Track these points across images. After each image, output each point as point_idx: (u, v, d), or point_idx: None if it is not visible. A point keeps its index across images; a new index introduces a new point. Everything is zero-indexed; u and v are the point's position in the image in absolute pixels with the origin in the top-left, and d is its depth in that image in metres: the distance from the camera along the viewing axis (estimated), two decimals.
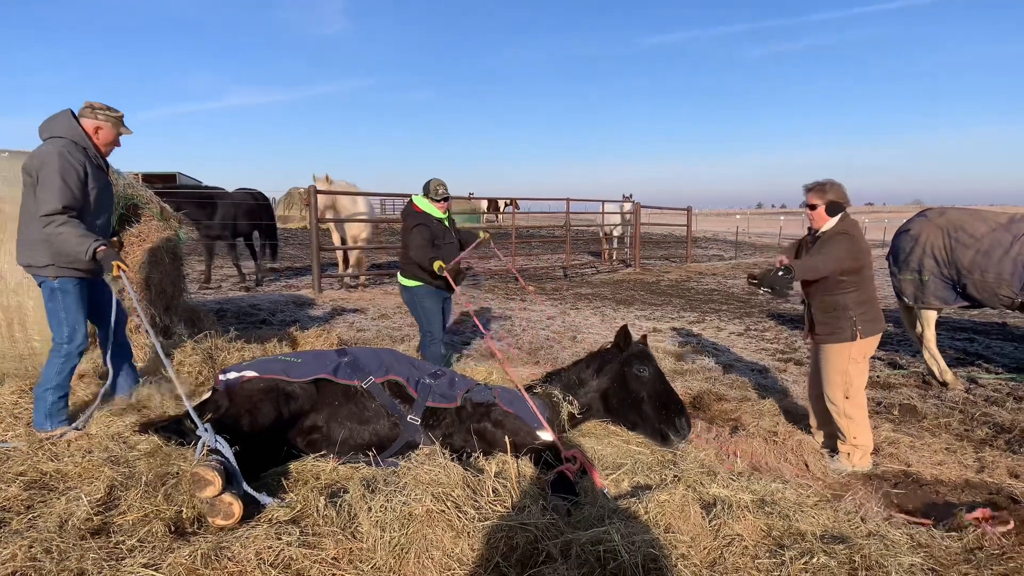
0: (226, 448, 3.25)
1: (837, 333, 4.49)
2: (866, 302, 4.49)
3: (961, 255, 6.23)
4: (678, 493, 3.28)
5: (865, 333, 4.46)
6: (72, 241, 3.94)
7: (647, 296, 13.11)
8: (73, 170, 4.01)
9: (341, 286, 12.59)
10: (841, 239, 4.39)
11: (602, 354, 4.67)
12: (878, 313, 4.58)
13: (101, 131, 4.25)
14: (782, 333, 9.38)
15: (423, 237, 5.81)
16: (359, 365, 4.18)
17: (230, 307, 9.63)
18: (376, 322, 9.19)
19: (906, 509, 3.97)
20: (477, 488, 3.22)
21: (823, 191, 4.49)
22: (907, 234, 6.73)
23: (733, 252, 25.34)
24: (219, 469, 3.08)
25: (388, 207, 42.77)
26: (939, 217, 6.55)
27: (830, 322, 4.51)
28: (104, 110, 4.25)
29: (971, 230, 6.24)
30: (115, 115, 4.30)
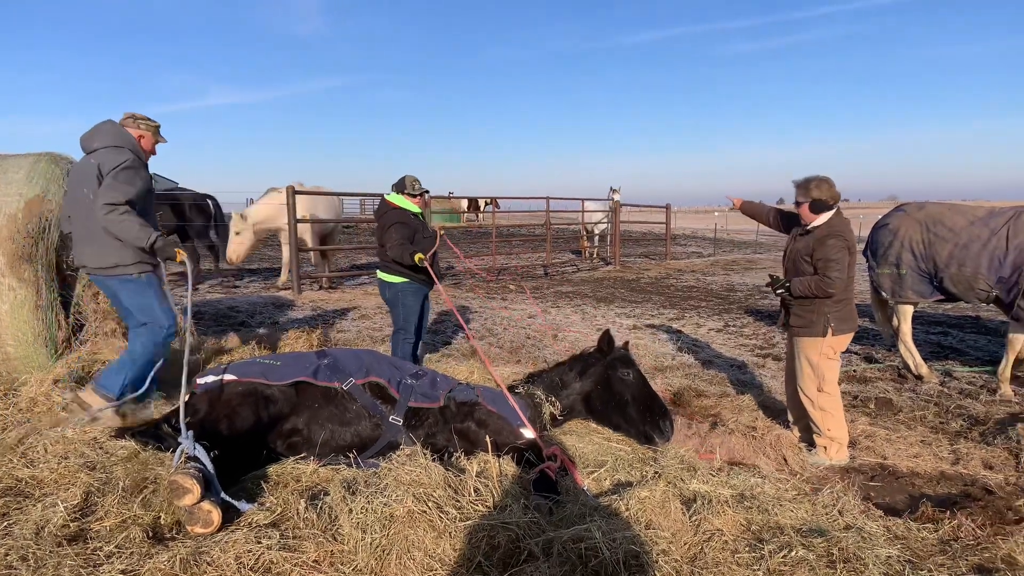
0: (204, 455, 3.22)
1: (809, 327, 4.55)
2: (842, 300, 4.54)
3: (939, 249, 6.28)
4: (659, 489, 3.31)
5: (837, 331, 4.52)
6: (135, 229, 4.27)
7: (627, 294, 13.17)
8: (139, 177, 4.43)
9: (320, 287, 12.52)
10: (835, 243, 4.39)
11: (584, 357, 4.70)
12: (852, 312, 4.63)
13: (143, 140, 4.63)
14: (760, 329, 9.46)
15: (401, 234, 5.78)
16: (339, 367, 4.15)
17: (207, 309, 9.54)
18: (356, 323, 9.15)
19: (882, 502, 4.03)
20: (459, 488, 3.22)
21: (807, 189, 4.51)
22: (885, 228, 6.79)
23: (712, 249, 25.52)
24: (197, 477, 3.06)
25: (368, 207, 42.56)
26: (918, 211, 6.61)
27: (805, 315, 4.57)
28: (145, 120, 4.64)
29: (949, 224, 6.30)
30: (154, 125, 4.69)
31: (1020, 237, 5.84)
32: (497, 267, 16.26)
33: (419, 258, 5.63)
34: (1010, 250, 5.85)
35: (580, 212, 19.40)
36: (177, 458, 3.30)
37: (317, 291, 12.03)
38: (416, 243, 5.84)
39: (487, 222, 32.24)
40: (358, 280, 13.77)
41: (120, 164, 4.34)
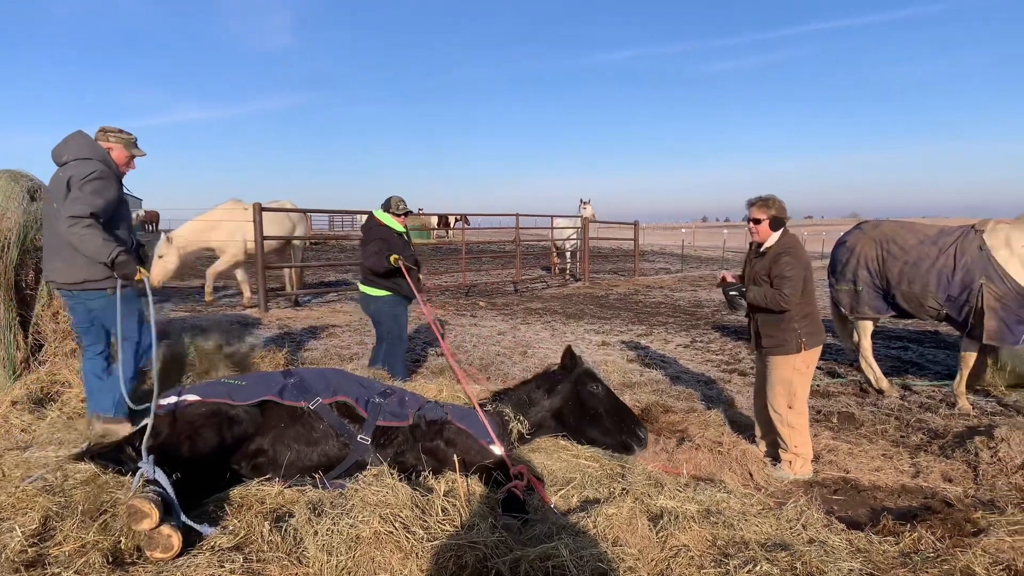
0: (164, 478, 3.16)
1: (783, 345, 4.62)
2: (809, 315, 4.64)
3: (891, 266, 6.44)
4: (626, 506, 3.32)
5: (809, 345, 4.61)
6: (96, 243, 4.15)
7: (596, 310, 13.25)
8: (108, 188, 4.31)
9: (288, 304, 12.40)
10: (790, 260, 4.52)
11: (550, 375, 4.71)
12: (820, 325, 4.73)
13: (114, 152, 4.52)
14: (727, 345, 9.58)
15: (379, 247, 6.04)
16: (306, 386, 4.11)
17: (170, 328, 9.37)
18: (324, 341, 9.08)
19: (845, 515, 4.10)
20: (426, 508, 3.20)
21: (767, 206, 4.64)
22: (844, 246, 6.95)
23: (679, 265, 25.80)
24: (156, 501, 3.00)
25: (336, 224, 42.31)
26: (873, 229, 6.77)
27: (776, 334, 4.64)
28: (116, 132, 4.54)
29: (901, 242, 6.45)
30: (126, 137, 4.58)
31: (967, 256, 6.00)
32: (467, 284, 16.26)
33: (394, 258, 5.86)
34: (957, 269, 6.01)
35: (550, 229, 19.51)
36: (136, 481, 3.24)
37: (284, 309, 11.91)
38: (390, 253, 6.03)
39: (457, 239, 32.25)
40: (326, 298, 13.66)
41: (87, 175, 4.24)
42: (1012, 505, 3.91)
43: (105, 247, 4.19)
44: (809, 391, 4.82)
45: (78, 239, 4.16)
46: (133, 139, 4.63)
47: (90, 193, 4.21)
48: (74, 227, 4.14)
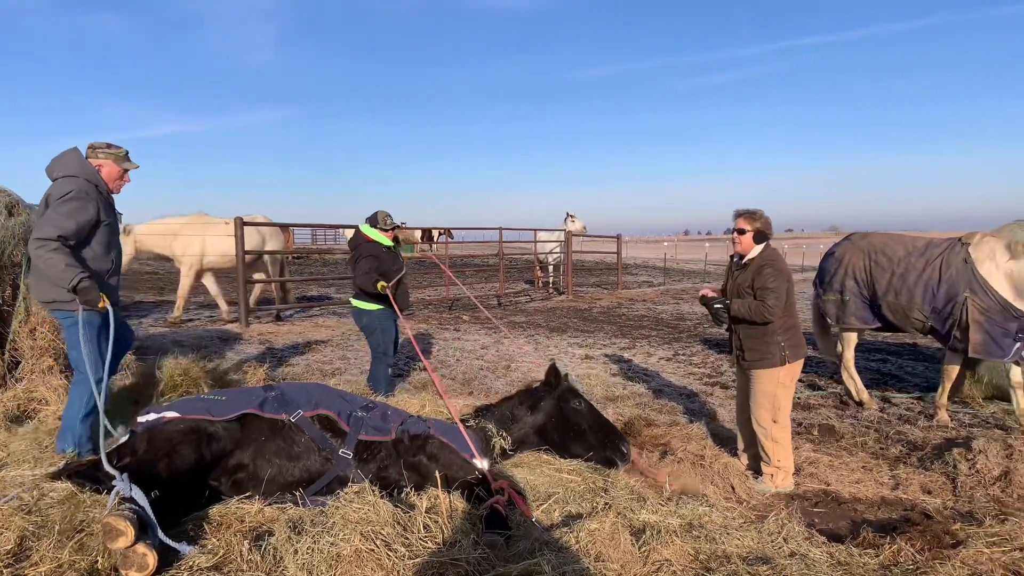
0: (140, 496, 3.12)
1: (767, 358, 4.64)
2: (791, 327, 4.68)
3: (879, 276, 6.46)
4: (608, 521, 3.33)
5: (792, 358, 4.65)
6: (59, 268, 4.03)
7: (580, 323, 13.28)
8: (83, 209, 4.17)
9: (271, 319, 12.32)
10: (772, 273, 4.56)
11: (533, 391, 4.73)
12: (802, 338, 4.77)
13: (103, 169, 4.40)
14: (709, 357, 9.63)
15: (370, 265, 6.20)
16: (287, 399, 4.08)
17: (152, 344, 9.28)
18: (306, 356, 9.02)
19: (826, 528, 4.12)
20: (408, 525, 3.19)
21: (753, 218, 4.69)
22: (832, 256, 7.00)
23: (662, 278, 25.94)
24: (131, 519, 2.96)
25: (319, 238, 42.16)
26: (862, 240, 6.81)
27: (758, 348, 4.67)
28: (104, 148, 4.42)
29: (889, 253, 6.49)
30: (115, 152, 4.44)
31: (952, 269, 6.07)
32: (451, 297, 16.24)
33: (381, 286, 6.02)
34: (943, 281, 6.08)
35: (533, 242, 19.55)
36: (112, 499, 3.20)
37: (266, 324, 11.82)
38: (383, 274, 6.21)
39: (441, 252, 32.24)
40: (308, 312, 13.58)
41: (62, 196, 4.14)
42: (990, 517, 3.95)
43: (67, 272, 4.05)
44: (792, 404, 4.85)
45: (43, 262, 4.07)
46: (123, 152, 4.51)
47: (63, 215, 4.10)
48: (39, 249, 4.05)
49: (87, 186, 4.25)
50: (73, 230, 4.14)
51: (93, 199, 4.27)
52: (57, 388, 5.45)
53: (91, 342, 4.28)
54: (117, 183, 4.52)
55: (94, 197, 4.28)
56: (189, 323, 11.71)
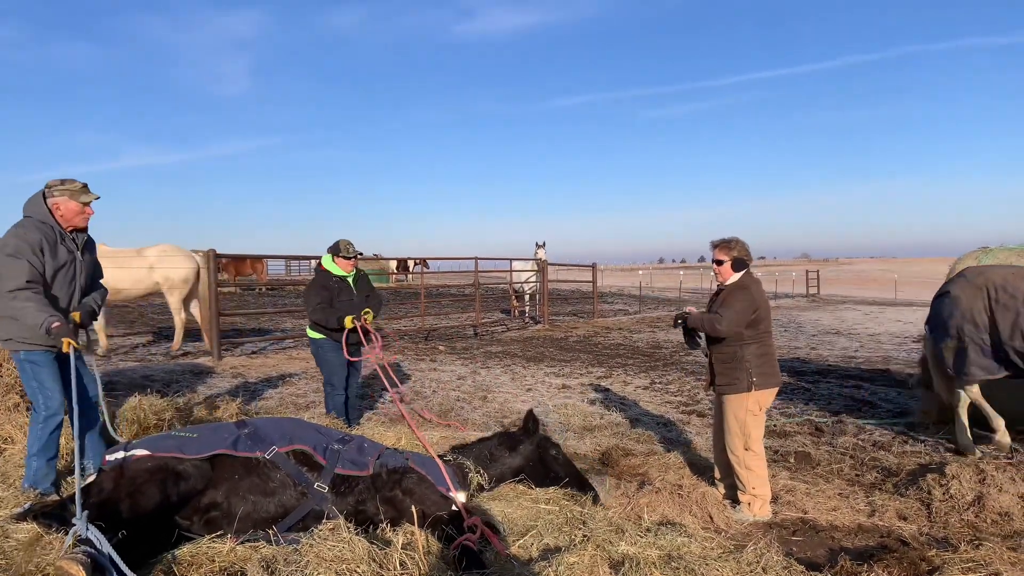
0: (99, 536, 3.03)
1: (734, 384, 4.68)
2: (764, 355, 4.71)
3: (1002, 318, 5.66)
4: (587, 554, 3.30)
5: (760, 385, 4.67)
6: (31, 315, 4.01)
7: (556, 352, 13.27)
8: (28, 247, 4.10)
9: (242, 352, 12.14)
10: (740, 294, 4.63)
11: (511, 435, 4.86)
12: (775, 367, 4.79)
13: (60, 207, 4.29)
14: (685, 386, 9.66)
15: (320, 297, 6.23)
16: (260, 435, 4.01)
17: (120, 379, 9.09)
18: (279, 389, 8.89)
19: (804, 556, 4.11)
20: (383, 562, 3.13)
21: (729, 247, 4.74)
22: (946, 297, 6.23)
23: (637, 306, 26.07)
24: (84, 562, 2.87)
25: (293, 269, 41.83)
26: (978, 277, 6.00)
27: (728, 372, 4.71)
28: (58, 186, 4.30)
29: (1012, 290, 5.69)
30: (70, 187, 4.32)
31: None
32: (427, 328, 16.17)
33: (350, 320, 6.05)
34: None
35: (508, 272, 19.59)
36: (68, 540, 3.11)
37: (239, 357, 11.65)
38: (334, 305, 6.23)
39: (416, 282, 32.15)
40: (282, 344, 13.43)
41: (11, 240, 4.12)
42: (965, 542, 3.97)
43: (38, 316, 4.03)
44: (763, 432, 4.86)
45: (19, 312, 4.06)
46: (79, 187, 4.36)
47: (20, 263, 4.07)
48: (13, 301, 4.04)
49: (31, 224, 4.21)
50: (33, 270, 4.11)
51: (33, 236, 4.16)
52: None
53: (35, 380, 4.28)
54: (79, 218, 4.39)
55: (34, 235, 4.17)
56: (160, 357, 11.50)
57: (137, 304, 18.45)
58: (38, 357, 4.27)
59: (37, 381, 4.29)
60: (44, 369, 4.30)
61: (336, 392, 6.44)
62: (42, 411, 4.31)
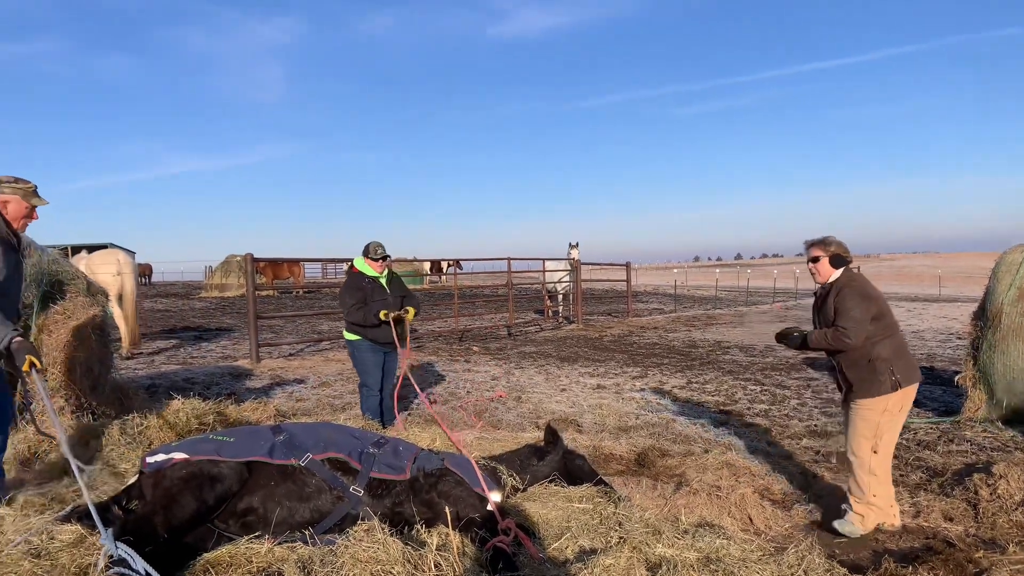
0: (130, 552, 3.06)
1: (876, 386, 4.27)
2: (899, 347, 4.36)
3: None
4: (623, 556, 3.25)
5: (905, 382, 4.28)
6: None
7: (590, 352, 13.21)
8: None
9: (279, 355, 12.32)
10: (851, 295, 4.26)
11: (537, 447, 4.94)
12: (912, 361, 4.44)
13: (9, 205, 3.95)
14: (723, 385, 9.53)
15: (355, 298, 6.32)
16: (295, 443, 4.05)
17: (162, 382, 9.30)
18: (316, 391, 8.99)
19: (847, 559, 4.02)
20: (418, 563, 3.13)
21: (826, 244, 4.44)
22: None
23: (673, 305, 25.84)
24: None
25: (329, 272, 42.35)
26: None
27: (868, 377, 4.30)
28: (10, 183, 3.97)
29: None
30: (23, 187, 3.99)
31: None
32: (460, 329, 16.22)
33: (384, 313, 6.15)
34: None
35: (542, 272, 19.57)
36: (101, 563, 3.15)
37: (276, 359, 11.82)
38: (367, 307, 6.31)
39: (450, 284, 32.29)
40: (319, 346, 13.59)
41: None
42: (1013, 543, 3.85)
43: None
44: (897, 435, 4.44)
45: None
46: (32, 188, 4.04)
47: None
48: None
49: None
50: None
51: None
52: (68, 428, 5.44)
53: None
54: (23, 221, 4.07)
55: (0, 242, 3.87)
56: (200, 360, 11.72)
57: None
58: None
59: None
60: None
61: (371, 393, 6.53)
62: None
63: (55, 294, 6.03)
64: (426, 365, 11.13)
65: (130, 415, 5.61)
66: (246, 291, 11.52)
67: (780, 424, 7.23)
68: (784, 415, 7.67)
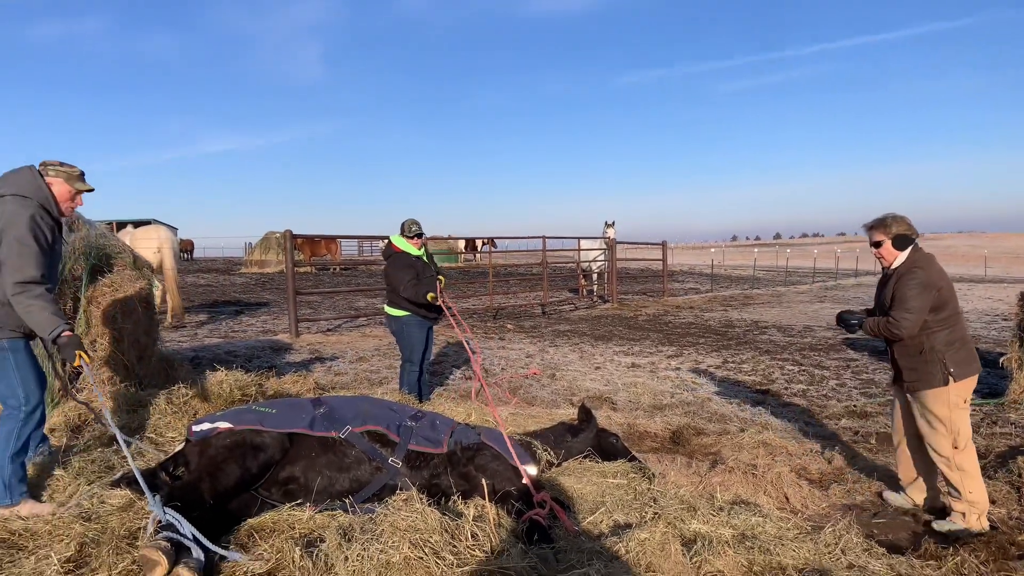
0: (177, 519, 3.17)
1: (927, 378, 4.10)
2: (956, 341, 4.10)
3: None
4: (658, 531, 3.27)
5: (959, 376, 4.04)
6: (42, 316, 3.66)
7: (625, 331, 13.17)
8: (43, 235, 3.76)
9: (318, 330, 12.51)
10: (912, 281, 4.03)
11: (571, 426, 5.01)
12: (972, 352, 4.17)
13: (54, 188, 3.93)
14: (759, 365, 9.44)
15: (408, 274, 6.40)
16: (335, 416, 4.14)
17: (205, 354, 9.52)
18: (354, 365, 9.13)
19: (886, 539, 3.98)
20: (455, 533, 3.19)
21: (886, 225, 4.21)
22: None
23: (709, 285, 25.58)
24: (165, 548, 3.00)
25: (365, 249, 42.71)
26: None
27: (918, 367, 4.14)
28: (56, 166, 3.97)
29: None
30: (67, 170, 4.00)
31: None
32: (495, 306, 16.28)
33: (432, 296, 6.27)
34: None
35: (576, 250, 19.50)
36: (149, 527, 3.26)
37: (315, 334, 12.02)
38: (421, 282, 6.41)
39: (484, 262, 32.38)
40: (356, 322, 13.76)
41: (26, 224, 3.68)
42: None
43: (51, 322, 3.67)
44: (970, 426, 4.21)
45: (24, 308, 3.65)
46: (77, 172, 4.03)
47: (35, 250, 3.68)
48: (22, 295, 3.63)
49: (40, 210, 3.80)
50: (44, 262, 3.74)
51: (46, 222, 3.83)
52: (117, 397, 5.62)
53: (19, 372, 3.83)
54: (68, 205, 4.03)
55: (47, 221, 3.85)
56: (241, 334, 11.97)
57: None
58: (20, 345, 3.86)
59: (20, 370, 3.84)
60: (25, 357, 3.88)
61: (413, 368, 6.60)
62: (23, 407, 3.85)
63: (103, 267, 6.19)
64: (460, 342, 11.21)
65: (176, 385, 5.77)
66: (285, 267, 11.70)
67: (818, 404, 7.15)
68: (822, 395, 7.59)
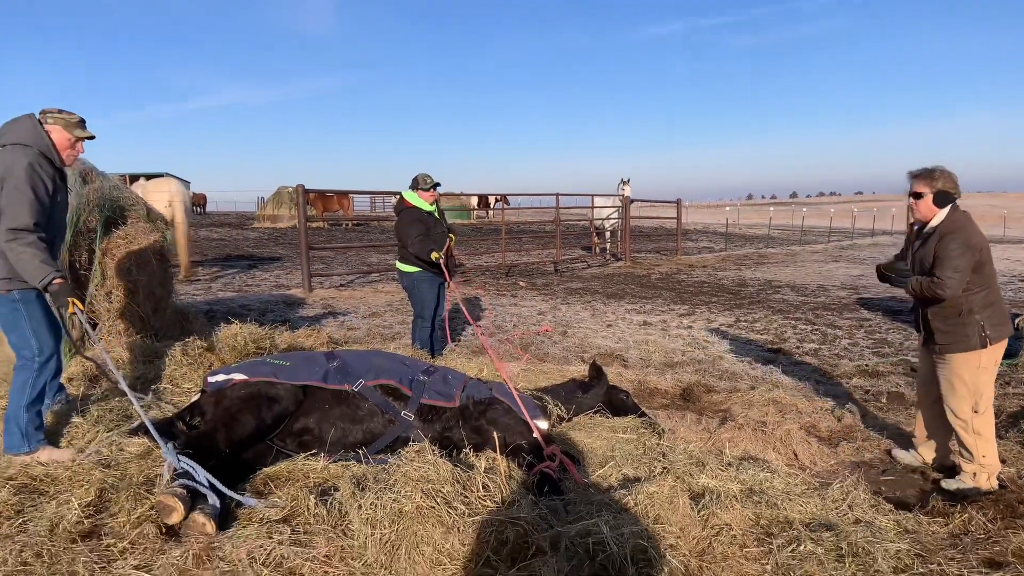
0: (192, 466, 3.24)
1: (963, 341, 3.99)
2: (993, 302, 4.01)
3: None
4: (667, 484, 3.31)
5: (995, 339, 3.98)
6: (32, 264, 3.60)
7: (637, 289, 13.15)
8: (42, 183, 3.71)
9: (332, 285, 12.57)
10: (954, 243, 3.87)
11: (581, 382, 5.05)
12: (1005, 314, 4.11)
13: (53, 135, 3.86)
14: (772, 324, 9.43)
15: (419, 231, 6.36)
16: (348, 369, 4.18)
17: (219, 307, 9.61)
18: (367, 320, 9.19)
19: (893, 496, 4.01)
20: (467, 484, 3.24)
21: (932, 178, 4.01)
22: None
23: (723, 244, 25.42)
24: (181, 495, 3.08)
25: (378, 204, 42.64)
26: None
27: (953, 329, 4.01)
28: (54, 113, 3.90)
29: None
30: (66, 117, 3.92)
31: None
32: (507, 264, 16.27)
33: (436, 256, 6.25)
34: None
35: (590, 208, 19.38)
36: (166, 474, 3.33)
37: (328, 289, 12.08)
38: (430, 238, 6.38)
39: (497, 219, 32.28)
40: (368, 278, 13.82)
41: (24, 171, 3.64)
42: None
43: (41, 270, 3.61)
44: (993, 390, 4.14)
45: (15, 255, 3.60)
46: (76, 119, 3.94)
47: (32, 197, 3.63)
48: (13, 242, 3.58)
49: (39, 157, 3.75)
50: (41, 211, 3.69)
51: (46, 171, 3.78)
52: (133, 348, 5.70)
53: (31, 322, 3.83)
54: (68, 152, 3.96)
55: (47, 169, 3.80)
56: (255, 288, 12.05)
57: None
58: (32, 296, 3.82)
59: (32, 321, 3.84)
60: (37, 308, 3.86)
61: (425, 324, 6.65)
62: (36, 358, 3.86)
63: (117, 219, 6.22)
64: (473, 299, 11.24)
65: (191, 337, 5.84)
66: (297, 222, 11.71)
67: (830, 363, 7.15)
68: (834, 355, 7.58)
